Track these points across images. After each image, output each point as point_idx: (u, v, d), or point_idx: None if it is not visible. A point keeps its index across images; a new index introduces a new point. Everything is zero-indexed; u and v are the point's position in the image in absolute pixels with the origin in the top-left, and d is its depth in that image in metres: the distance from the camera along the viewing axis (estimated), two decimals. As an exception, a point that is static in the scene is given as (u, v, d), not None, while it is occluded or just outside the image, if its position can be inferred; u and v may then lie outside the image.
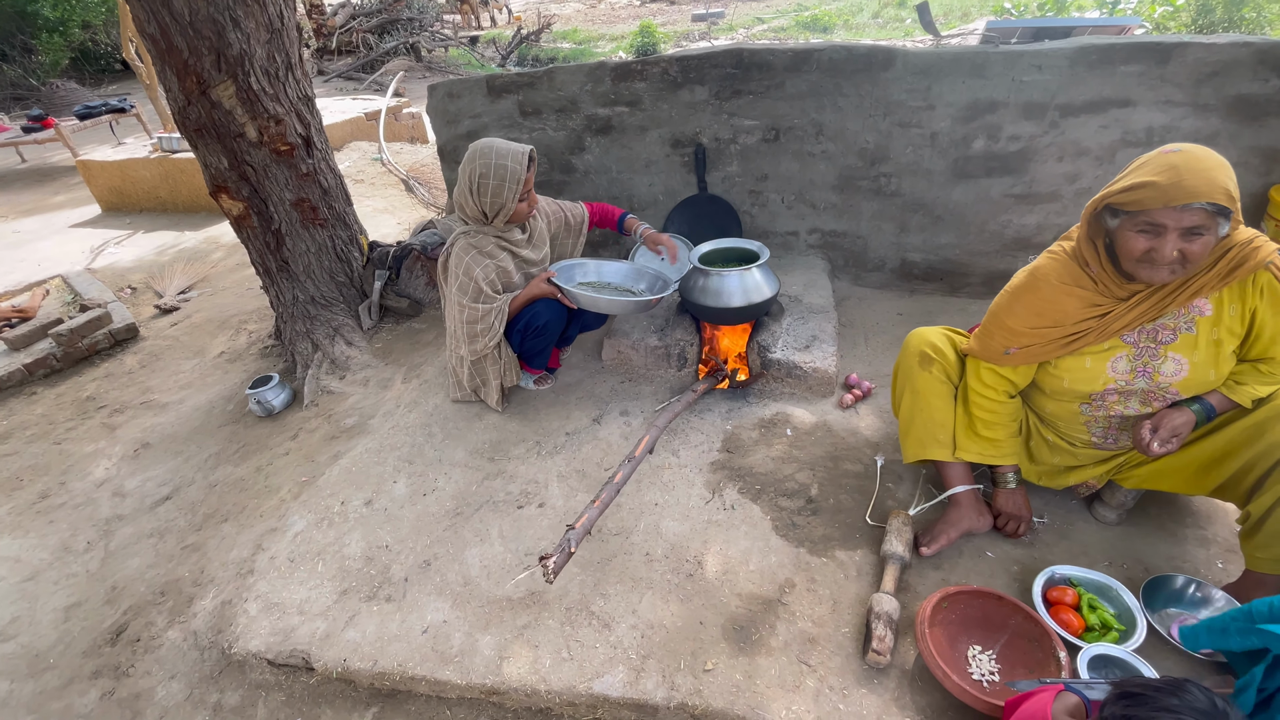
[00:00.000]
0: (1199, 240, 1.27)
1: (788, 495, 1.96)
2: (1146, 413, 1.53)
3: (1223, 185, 1.23)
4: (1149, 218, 1.28)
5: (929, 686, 1.46)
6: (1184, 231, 1.26)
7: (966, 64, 2.37)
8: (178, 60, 2.45)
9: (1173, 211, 1.25)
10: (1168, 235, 1.27)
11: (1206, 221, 1.25)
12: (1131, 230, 1.33)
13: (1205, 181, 1.22)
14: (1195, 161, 1.25)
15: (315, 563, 1.95)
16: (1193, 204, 1.23)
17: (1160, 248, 1.29)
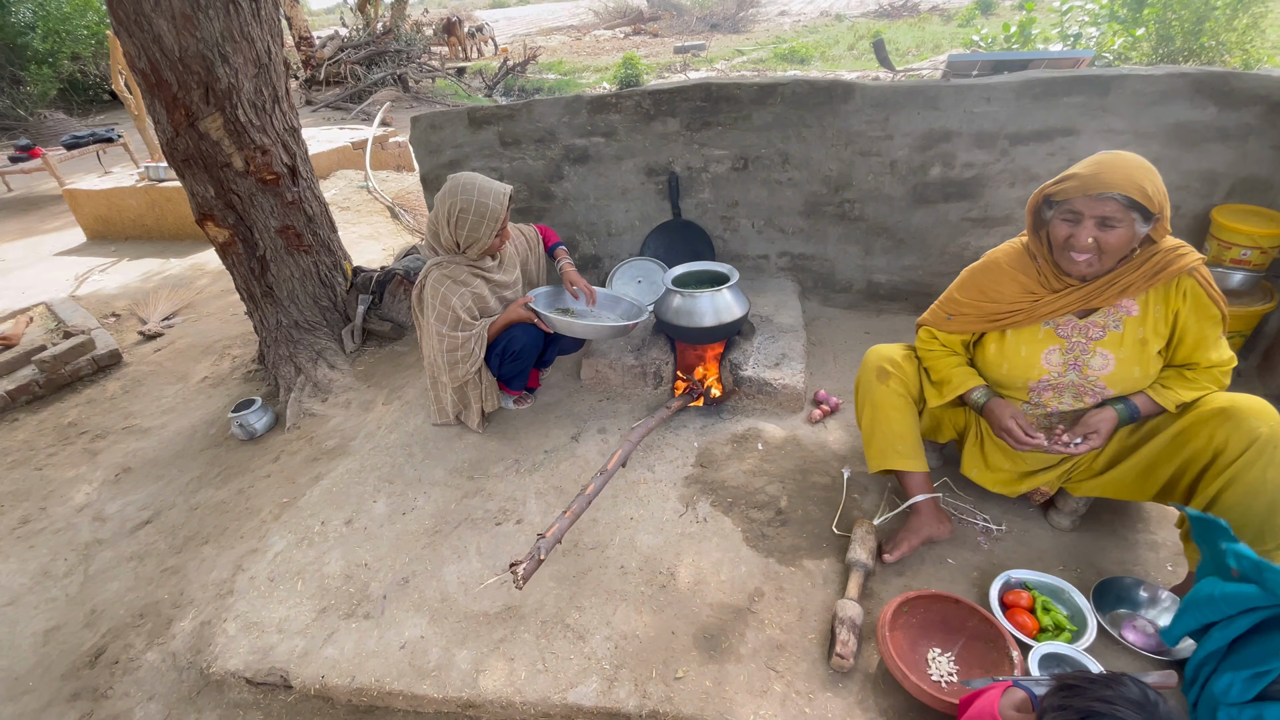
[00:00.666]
0: (1113, 232, 1.40)
1: (758, 507, 2.02)
2: (1080, 408, 1.63)
3: (1137, 182, 1.36)
4: (1070, 205, 1.43)
5: (891, 688, 1.51)
6: (1099, 220, 1.40)
7: (920, 96, 2.51)
8: (167, 93, 2.53)
9: (1089, 200, 1.39)
10: (1085, 223, 1.42)
11: (1120, 214, 1.39)
12: (1058, 218, 1.47)
13: (1121, 176, 1.36)
14: (1117, 160, 1.40)
15: (295, 582, 1.97)
16: (1106, 194, 1.37)
17: (1078, 235, 1.43)
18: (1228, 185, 2.45)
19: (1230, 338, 2.29)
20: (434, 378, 2.43)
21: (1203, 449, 1.48)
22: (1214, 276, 2.24)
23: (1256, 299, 2.29)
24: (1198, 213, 2.51)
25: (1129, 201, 1.37)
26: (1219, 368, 1.54)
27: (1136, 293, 1.52)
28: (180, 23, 2.40)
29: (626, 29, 23.37)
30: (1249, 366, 2.48)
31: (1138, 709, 0.98)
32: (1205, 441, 1.47)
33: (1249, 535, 1.45)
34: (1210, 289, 1.50)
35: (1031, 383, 1.66)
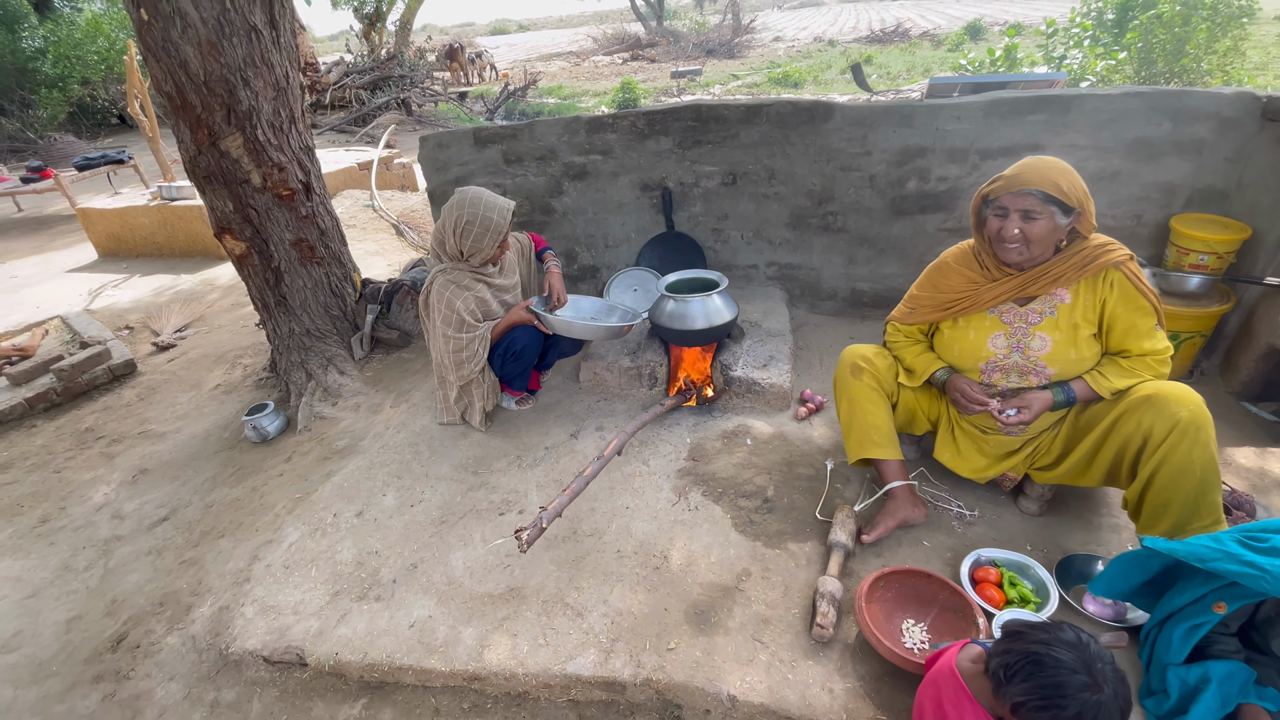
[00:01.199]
0: (1036, 223, 1.61)
1: (747, 496, 2.15)
2: (1025, 386, 1.78)
3: (1052, 180, 1.57)
4: (999, 202, 1.65)
5: (868, 656, 1.63)
6: (1023, 213, 1.62)
7: (896, 115, 2.69)
8: (191, 115, 2.70)
9: (1013, 196, 1.61)
10: (1011, 216, 1.63)
11: (1039, 207, 1.59)
12: (991, 215, 1.69)
13: (1037, 175, 1.58)
14: (1037, 162, 1.61)
15: (309, 568, 2.09)
16: (1025, 190, 1.58)
17: (1006, 226, 1.64)
18: (1185, 196, 2.62)
19: (1191, 338, 2.46)
20: (441, 378, 2.56)
21: (1134, 434, 1.62)
22: (1173, 280, 2.42)
23: (1214, 301, 2.44)
24: (1158, 222, 2.67)
25: (1045, 196, 1.58)
26: (1153, 356, 1.68)
27: (1068, 282, 1.69)
28: (206, 49, 2.58)
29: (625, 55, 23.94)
30: (1212, 366, 2.63)
31: (1070, 648, 1.11)
32: (1135, 427, 1.62)
33: (1186, 513, 1.58)
34: (1138, 283, 1.66)
35: (981, 364, 1.83)
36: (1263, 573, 1.22)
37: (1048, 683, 1.08)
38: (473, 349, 2.43)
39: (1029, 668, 1.10)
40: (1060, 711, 1.07)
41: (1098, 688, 1.07)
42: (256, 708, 1.83)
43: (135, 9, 2.54)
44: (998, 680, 1.14)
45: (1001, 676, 1.13)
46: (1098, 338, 1.73)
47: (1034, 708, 1.09)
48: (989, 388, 1.85)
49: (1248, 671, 1.36)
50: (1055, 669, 1.09)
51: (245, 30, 2.63)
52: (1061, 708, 1.07)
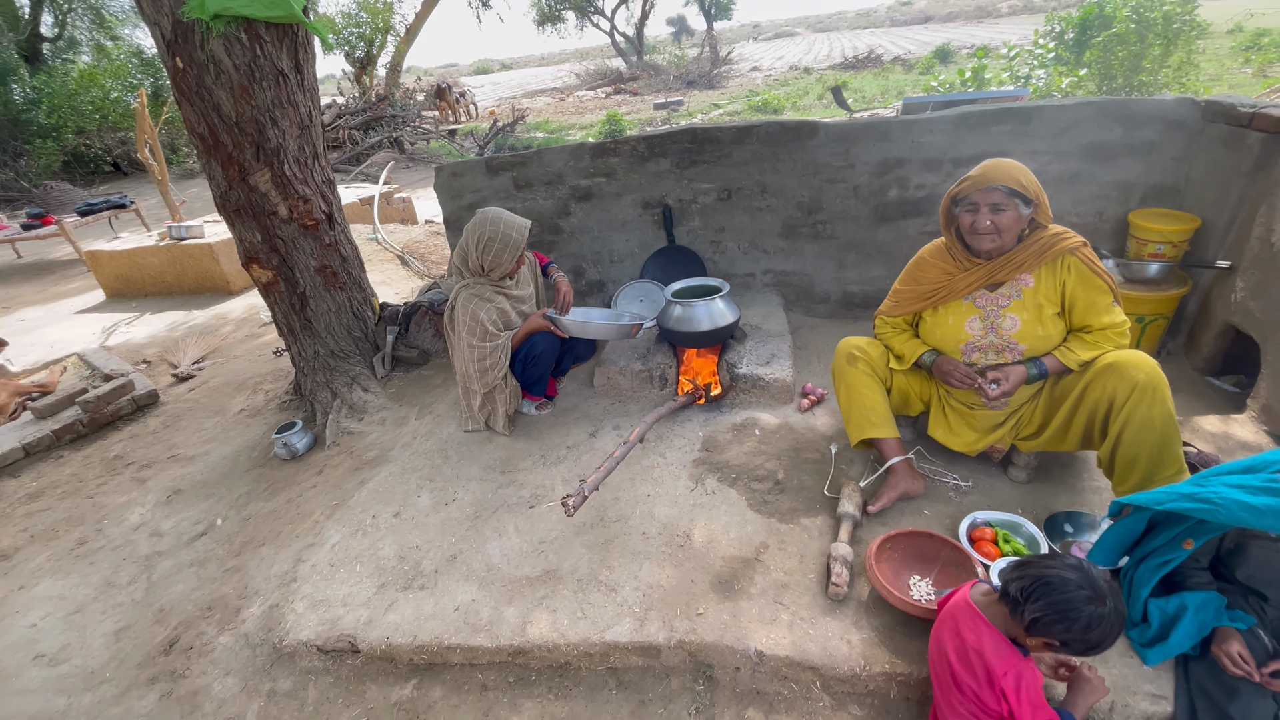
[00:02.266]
0: (1004, 214, 1.84)
1: (759, 480, 2.32)
2: (1002, 363, 1.99)
3: (1013, 176, 1.80)
4: (970, 199, 1.87)
5: (880, 609, 1.79)
6: (992, 206, 1.84)
7: (875, 131, 2.95)
8: (223, 153, 2.91)
9: (982, 192, 1.84)
10: (982, 210, 1.85)
11: (1005, 200, 1.82)
12: (963, 211, 1.91)
13: (1000, 173, 1.81)
14: (998, 162, 1.85)
15: (354, 565, 2.22)
16: (992, 186, 1.81)
17: (979, 219, 1.86)
18: (1140, 193, 2.87)
19: (1155, 320, 2.69)
20: (465, 387, 2.73)
21: (1101, 398, 1.82)
22: (1134, 268, 2.66)
23: (1173, 285, 2.68)
24: (1118, 217, 2.92)
25: (1009, 190, 1.81)
26: (1112, 329, 1.90)
27: (1030, 268, 1.92)
28: (238, 92, 2.79)
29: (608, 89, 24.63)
30: (1176, 346, 2.85)
31: (1074, 570, 1.29)
32: (1101, 392, 1.82)
33: (1152, 464, 1.77)
34: (1093, 265, 1.88)
35: (962, 345, 2.04)
36: (1213, 505, 1.39)
37: (1059, 599, 1.26)
38: (495, 356, 2.61)
39: (1042, 588, 1.28)
40: (1072, 623, 1.24)
41: (1101, 600, 1.25)
42: (313, 694, 1.95)
43: (171, 58, 2.75)
44: (1015, 602, 1.31)
45: (1019, 597, 1.30)
46: (1061, 316, 1.94)
47: (1049, 621, 1.26)
48: (970, 366, 2.05)
49: (1219, 599, 1.53)
50: (1064, 587, 1.27)
51: (273, 74, 2.85)
52: (1073, 619, 1.24)
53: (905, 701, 1.67)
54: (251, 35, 2.75)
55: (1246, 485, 1.37)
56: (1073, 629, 1.25)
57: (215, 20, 2.62)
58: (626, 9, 29.36)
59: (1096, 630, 1.24)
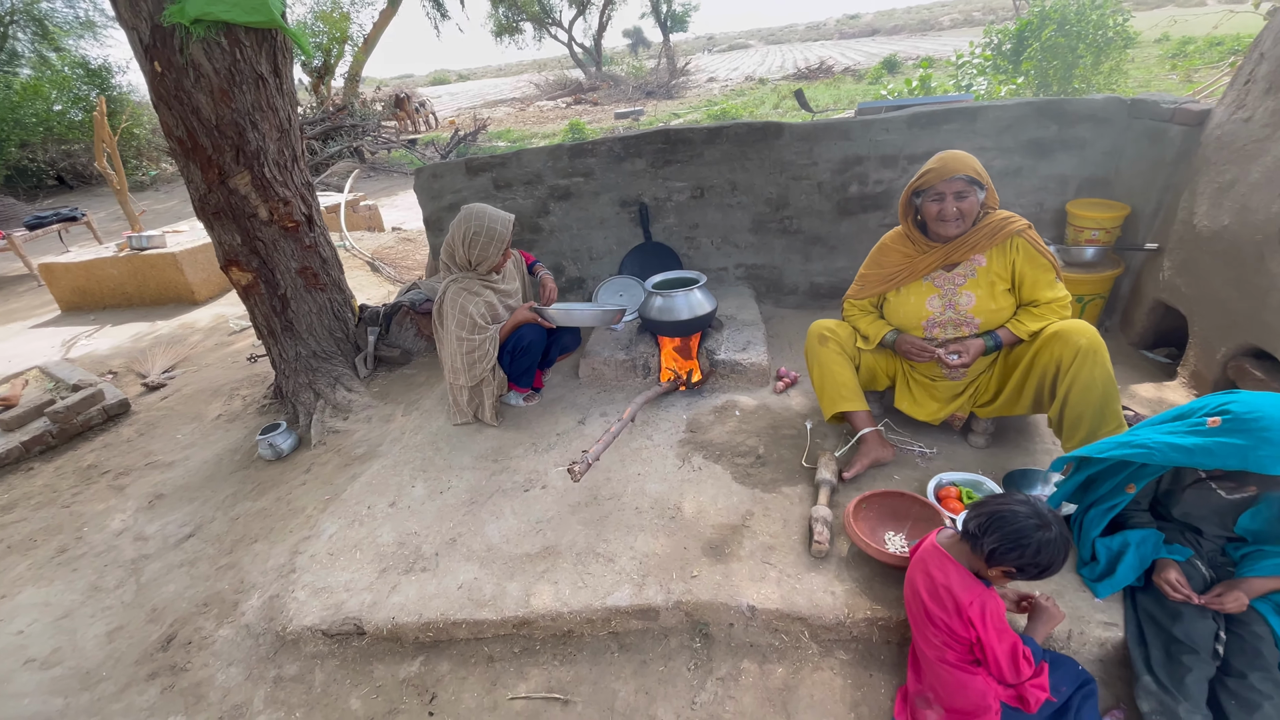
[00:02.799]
0: (966, 200, 2.04)
1: (741, 455, 2.46)
2: (960, 336, 2.17)
3: (971, 165, 2.01)
4: (935, 190, 2.06)
5: (859, 563, 1.94)
6: (955, 195, 2.03)
7: (836, 131, 3.15)
8: (202, 156, 2.93)
9: (946, 182, 2.03)
10: (948, 198, 2.04)
11: (966, 188, 2.02)
12: (929, 201, 2.09)
13: (960, 164, 2.01)
14: (953, 154, 2.05)
15: (354, 553, 2.27)
16: (955, 176, 2.00)
17: (946, 207, 2.05)
18: (1076, 184, 3.14)
19: (1093, 299, 2.94)
20: (453, 381, 2.80)
21: (1049, 363, 2.03)
22: (1072, 253, 2.90)
23: (1108, 267, 2.94)
24: (1057, 207, 3.19)
25: (969, 179, 2.01)
26: (1056, 302, 2.11)
27: (983, 249, 2.12)
28: (218, 96, 2.82)
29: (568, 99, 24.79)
30: (1113, 324, 3.12)
31: (1022, 503, 1.46)
32: (1049, 358, 2.02)
33: (1095, 421, 1.98)
34: (1038, 245, 2.09)
35: (923, 321, 2.23)
36: (1148, 449, 1.58)
37: (1010, 529, 1.42)
38: (484, 349, 2.69)
39: (996, 522, 1.44)
40: (1024, 549, 1.41)
41: (1048, 527, 1.41)
42: (320, 677, 1.99)
43: (149, 62, 2.77)
44: (974, 538, 1.47)
45: (977, 533, 1.46)
46: (1011, 292, 2.15)
47: (1004, 550, 1.42)
48: (931, 341, 2.24)
49: (1158, 535, 1.73)
50: (1014, 518, 1.43)
51: (253, 78, 2.89)
52: (1025, 545, 1.41)
53: (886, 644, 1.81)
54: (231, 40, 2.79)
55: (1175, 430, 1.56)
56: (1025, 554, 1.41)
57: (195, 25, 2.66)
58: (584, 21, 29.66)
59: (1045, 553, 1.41)
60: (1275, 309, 2.15)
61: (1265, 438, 1.37)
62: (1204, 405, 1.54)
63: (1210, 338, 2.47)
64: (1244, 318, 2.30)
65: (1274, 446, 1.36)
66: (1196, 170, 2.58)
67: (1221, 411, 1.47)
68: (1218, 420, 1.47)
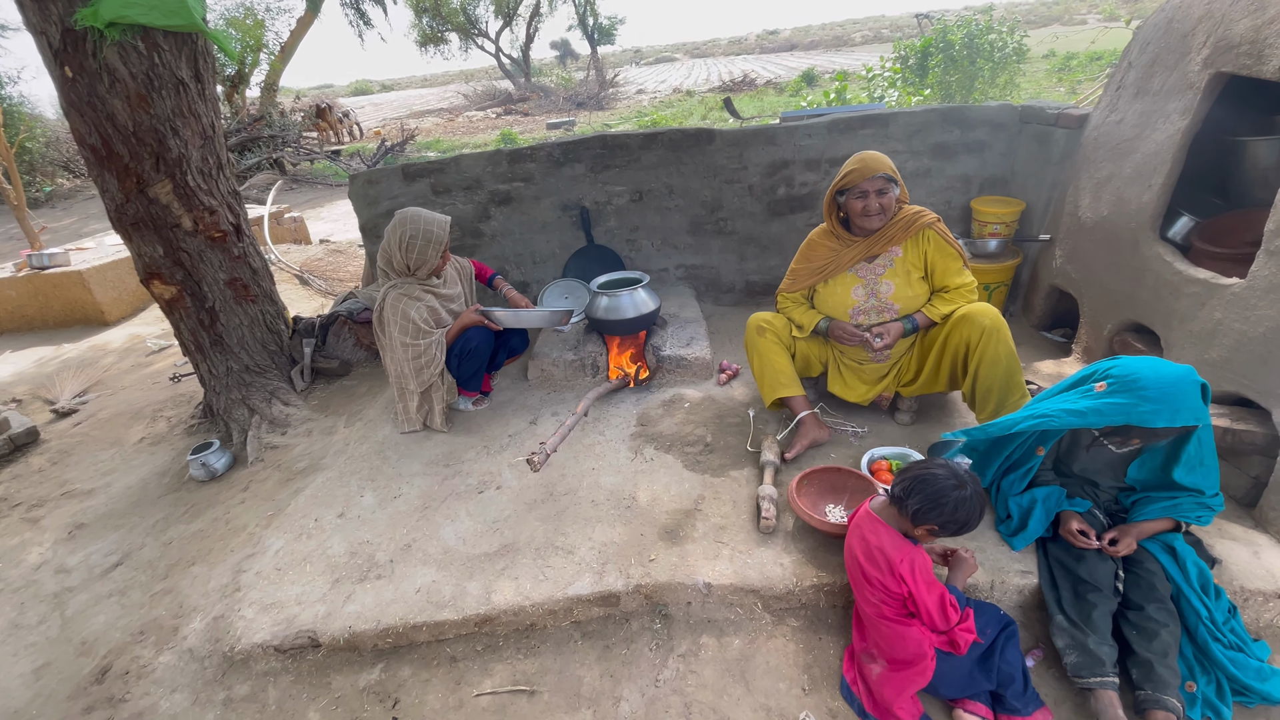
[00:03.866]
0: (886, 196, 2.23)
1: (690, 445, 2.56)
2: (883, 321, 2.37)
3: (888, 164, 2.20)
4: (858, 188, 2.24)
5: (804, 535, 2.07)
6: (877, 191, 2.22)
7: (763, 136, 3.34)
8: (118, 164, 2.79)
9: (868, 180, 2.21)
10: (871, 195, 2.23)
11: (885, 185, 2.22)
12: (853, 199, 2.27)
13: (879, 163, 2.20)
14: (870, 155, 2.24)
15: (303, 566, 2.22)
16: (876, 174, 2.19)
17: (869, 203, 2.24)
18: (978, 183, 3.44)
19: (998, 287, 3.22)
20: (401, 388, 2.78)
21: (960, 344, 2.24)
22: (978, 245, 3.17)
23: (1009, 257, 3.23)
24: (963, 205, 3.48)
25: (887, 176, 2.21)
26: (964, 287, 2.33)
27: (899, 241, 2.33)
28: (135, 102, 2.71)
29: (498, 109, 24.59)
30: (1016, 309, 3.42)
31: (940, 467, 1.61)
32: (960, 339, 2.23)
33: (1003, 392, 2.19)
34: (946, 236, 2.31)
35: (850, 309, 2.41)
36: (1047, 417, 1.77)
37: (930, 491, 1.57)
38: (430, 353, 2.69)
39: (918, 484, 1.59)
40: (943, 507, 1.55)
41: (963, 486, 1.57)
42: (273, 694, 1.94)
43: (59, 67, 2.63)
44: (900, 500, 1.61)
45: (902, 495, 1.61)
46: (925, 279, 2.35)
47: (926, 509, 1.57)
48: (858, 327, 2.41)
49: (1060, 490, 1.93)
50: (933, 480, 1.58)
51: (173, 83, 2.79)
52: (944, 504, 1.55)
53: (833, 609, 1.94)
54: (149, 43, 2.69)
55: (1069, 398, 1.76)
56: (944, 512, 1.56)
57: (110, 28, 2.55)
58: (511, 32, 29.56)
59: (963, 510, 1.57)
60: (1150, 288, 2.44)
61: (1144, 395, 1.58)
62: (1092, 373, 1.74)
63: (1097, 316, 2.77)
64: (1124, 297, 2.60)
65: (1152, 403, 1.57)
66: (1078, 168, 2.89)
67: (1106, 376, 1.68)
68: (1104, 385, 1.67)
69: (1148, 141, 2.49)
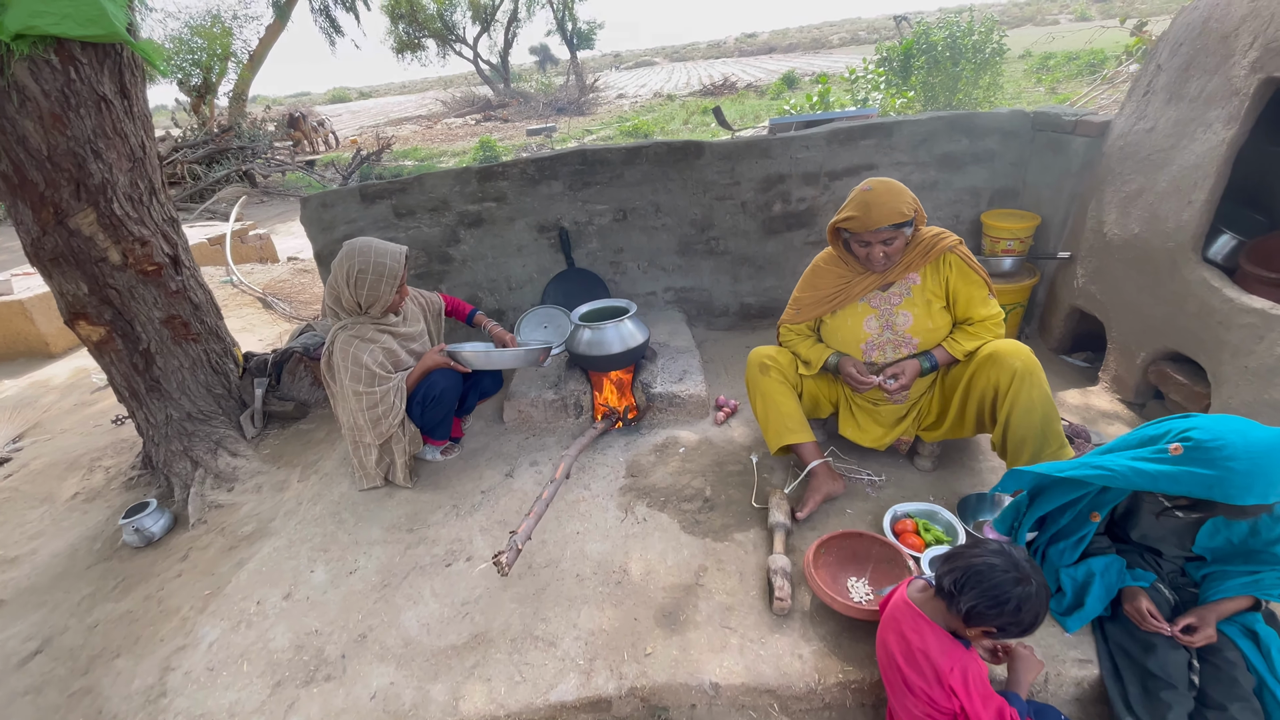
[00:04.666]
0: (893, 244, 1.95)
1: (688, 500, 2.27)
2: (899, 358, 2.10)
3: (897, 210, 1.89)
4: (858, 238, 1.97)
5: (825, 617, 1.79)
6: (882, 241, 1.94)
7: (756, 149, 3.06)
8: (33, 193, 2.45)
9: (870, 233, 1.93)
10: (874, 246, 1.96)
11: (892, 234, 1.93)
12: (854, 244, 2.01)
13: (885, 212, 1.89)
14: (878, 198, 1.90)
15: (239, 664, 1.90)
16: (880, 227, 1.90)
17: (872, 253, 1.97)
18: (988, 196, 3.20)
19: (1014, 308, 2.97)
20: (356, 441, 2.46)
21: (987, 387, 1.97)
22: (991, 264, 2.92)
23: (1024, 276, 2.99)
24: (972, 219, 3.23)
25: (894, 226, 1.91)
26: (990, 319, 2.06)
27: (917, 268, 2.06)
28: (49, 122, 2.37)
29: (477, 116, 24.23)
30: (1032, 330, 3.18)
31: (998, 554, 1.34)
32: (986, 381, 1.97)
33: (1038, 443, 1.93)
34: (970, 262, 2.04)
35: (862, 344, 2.14)
36: (1111, 472, 1.51)
37: (988, 586, 1.29)
38: (389, 402, 2.37)
39: (972, 578, 1.31)
40: (1004, 606, 1.28)
41: (1027, 581, 1.29)
42: (199, 831, 1.62)
43: (-44, 84, 2.29)
44: (950, 595, 1.33)
45: (953, 590, 1.33)
46: (947, 309, 2.09)
47: (983, 609, 1.29)
48: (872, 365, 2.14)
49: (1120, 561, 1.67)
50: (989, 574, 1.30)
51: (93, 101, 2.45)
52: (1005, 603, 1.28)
53: (861, 708, 1.66)
54: (64, 57, 2.35)
55: (1139, 456, 1.49)
56: (1005, 613, 1.29)
57: (18, 41, 2.22)
58: (489, 38, 29.16)
59: (1027, 610, 1.29)
60: (1192, 315, 2.20)
61: (1231, 468, 1.32)
62: (1165, 432, 1.48)
63: (1129, 343, 2.53)
64: (1161, 323, 2.36)
65: (1240, 477, 1.31)
66: (1102, 180, 2.65)
67: (1183, 438, 1.41)
68: (1179, 448, 1.41)
69: (1185, 153, 2.25)
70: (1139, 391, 2.51)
